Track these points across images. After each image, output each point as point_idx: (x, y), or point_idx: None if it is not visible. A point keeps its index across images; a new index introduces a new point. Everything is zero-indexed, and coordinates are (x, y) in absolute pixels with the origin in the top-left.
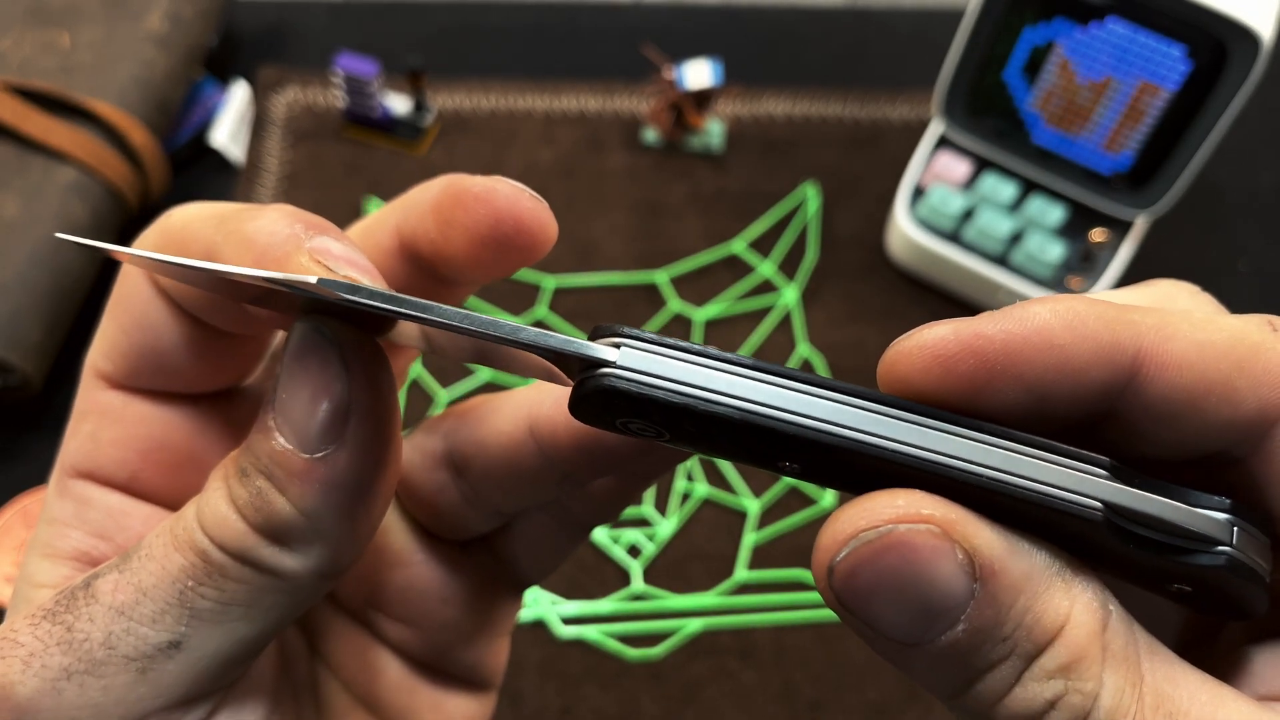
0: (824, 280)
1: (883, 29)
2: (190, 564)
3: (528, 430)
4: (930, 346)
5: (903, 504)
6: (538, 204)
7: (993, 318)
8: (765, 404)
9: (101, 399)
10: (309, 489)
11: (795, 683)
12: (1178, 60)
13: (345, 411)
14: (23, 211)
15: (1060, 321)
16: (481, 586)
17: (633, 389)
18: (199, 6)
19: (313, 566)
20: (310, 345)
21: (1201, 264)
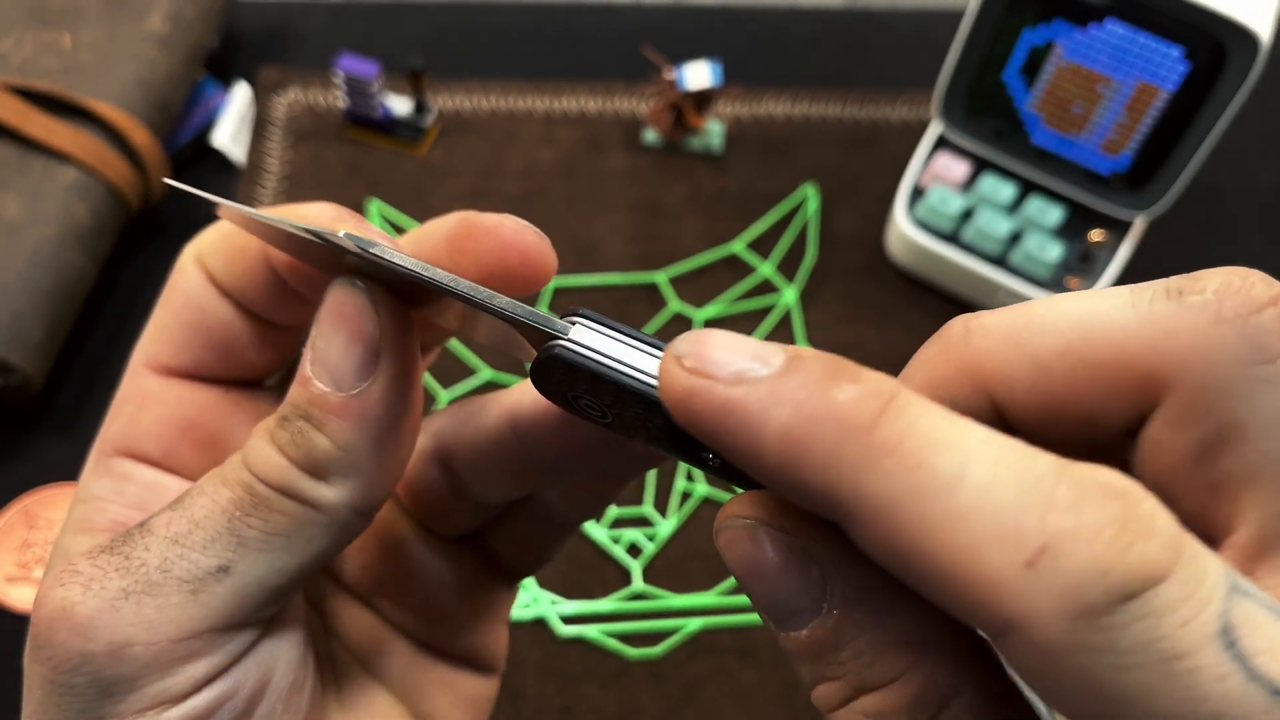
0: (823, 280)
1: (883, 29)
2: (238, 497)
3: (509, 425)
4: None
5: (743, 504)
6: (541, 240)
7: (740, 373)
8: None
9: (144, 384)
10: (345, 424)
11: (795, 682)
12: (1176, 61)
13: (376, 350)
14: (24, 212)
15: (778, 438)
16: (476, 578)
17: (572, 359)
18: (200, 7)
19: (348, 499)
20: (345, 295)
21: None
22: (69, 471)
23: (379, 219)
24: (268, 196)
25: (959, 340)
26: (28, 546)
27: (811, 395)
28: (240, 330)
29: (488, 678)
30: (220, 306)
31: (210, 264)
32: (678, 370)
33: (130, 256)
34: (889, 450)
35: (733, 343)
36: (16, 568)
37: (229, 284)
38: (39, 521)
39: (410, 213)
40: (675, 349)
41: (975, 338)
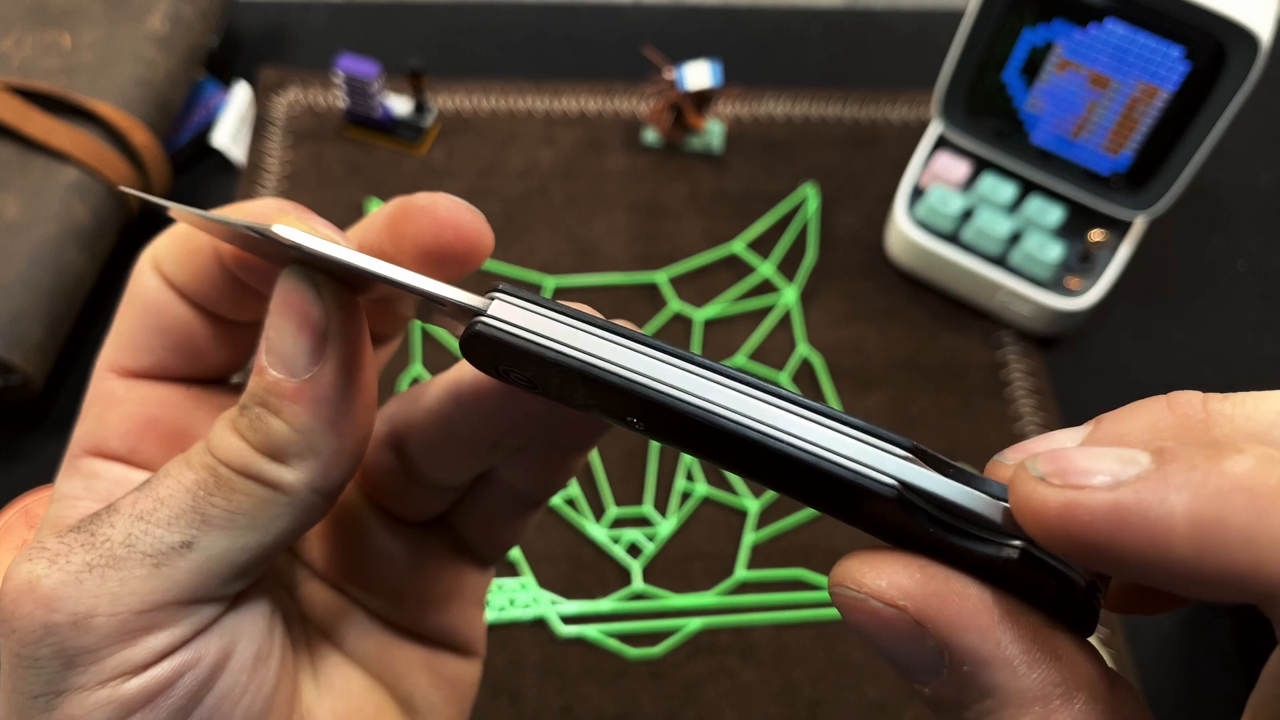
0: (823, 280)
1: (883, 29)
2: (202, 478)
3: (453, 401)
4: (1031, 503)
5: (884, 583)
6: (475, 216)
7: (1117, 474)
8: (600, 357)
9: (108, 387)
10: (300, 407)
11: (795, 682)
12: (1176, 61)
13: (324, 335)
14: (24, 212)
15: (1188, 523)
16: (443, 561)
17: (494, 334)
18: (200, 7)
19: (308, 479)
20: (290, 285)
21: (1200, 264)
22: None
23: None
24: (267, 196)
25: (1197, 421)
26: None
27: (1207, 475)
28: (199, 330)
29: (468, 660)
30: (178, 308)
31: (166, 266)
32: (1046, 490)
33: (130, 256)
34: None
35: (1093, 452)
36: None
37: (185, 285)
38: (39, 521)
39: None
40: (1033, 470)
41: (1215, 425)
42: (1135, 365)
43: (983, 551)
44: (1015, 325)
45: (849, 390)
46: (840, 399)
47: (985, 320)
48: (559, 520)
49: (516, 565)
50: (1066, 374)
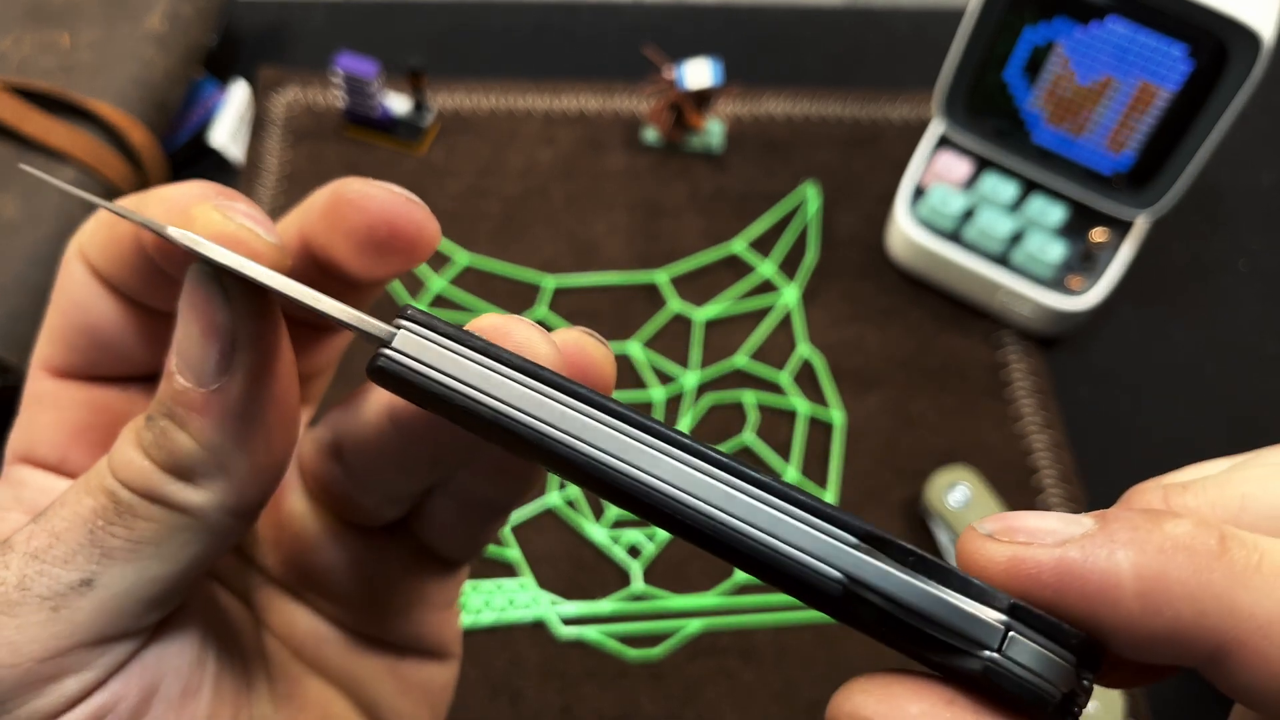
0: (824, 280)
1: (883, 29)
2: (100, 505)
3: (388, 418)
4: (978, 559)
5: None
6: (414, 207)
7: (1061, 533)
8: (514, 406)
9: (40, 387)
10: (207, 421)
11: (795, 683)
12: (1178, 60)
13: (232, 341)
14: (22, 211)
15: (1134, 577)
16: (407, 567)
17: (397, 372)
18: (199, 6)
19: (218, 501)
20: (195, 284)
21: (1203, 264)
22: None
23: None
24: (267, 195)
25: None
26: None
27: (1149, 535)
28: (127, 324)
29: (440, 663)
30: (103, 302)
31: (91, 255)
32: (993, 546)
33: None
34: (1254, 566)
35: (1039, 514)
36: None
37: (109, 273)
38: None
39: None
40: (981, 529)
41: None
42: (1137, 365)
43: (943, 661)
44: (1016, 325)
45: (849, 390)
46: (841, 399)
47: (986, 320)
48: (559, 521)
49: (516, 566)
50: (1067, 374)
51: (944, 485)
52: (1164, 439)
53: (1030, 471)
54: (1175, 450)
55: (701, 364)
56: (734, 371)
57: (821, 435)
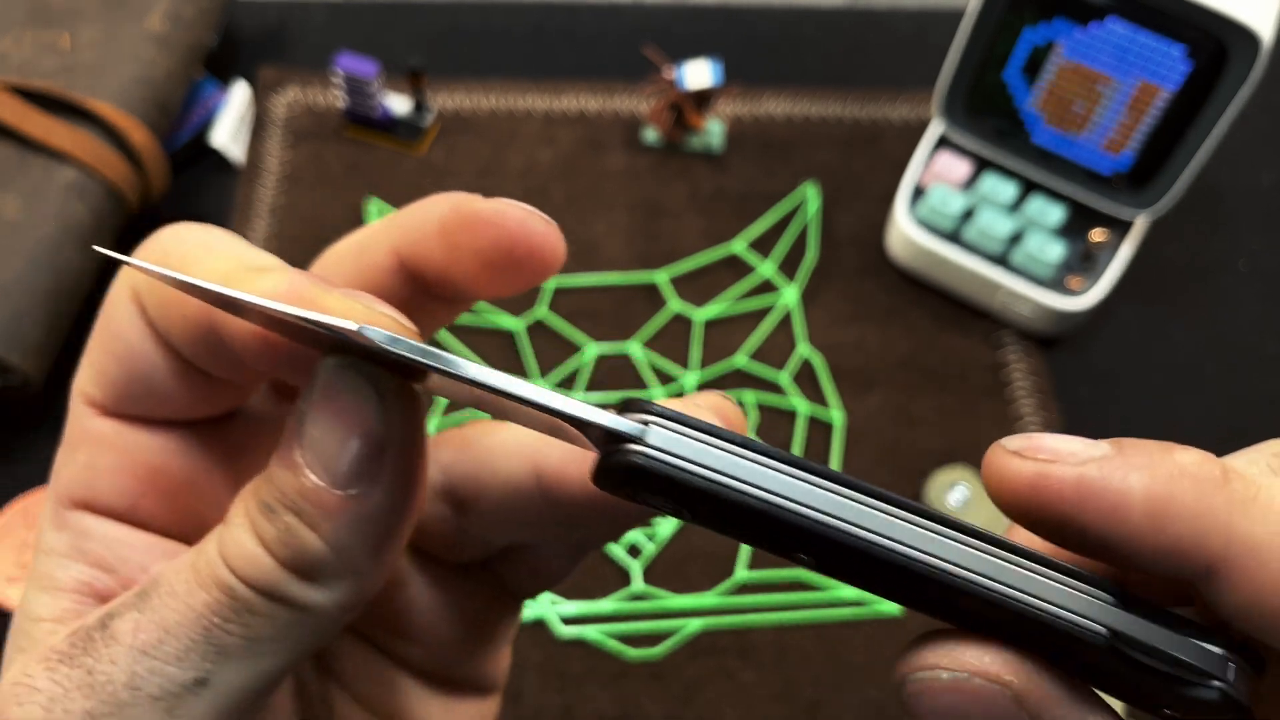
0: (824, 280)
1: (883, 29)
2: (215, 600)
3: (533, 478)
4: (1005, 474)
5: (988, 659)
6: (549, 227)
7: (1082, 454)
8: (789, 498)
9: (95, 427)
10: (341, 525)
11: (795, 682)
12: (1178, 60)
13: (381, 449)
14: (23, 212)
15: (1145, 504)
16: (481, 603)
17: (658, 469)
18: (199, 6)
19: (339, 600)
20: (344, 382)
21: (1201, 264)
22: None
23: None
24: (267, 196)
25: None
26: (27, 547)
27: (1161, 461)
28: (176, 377)
29: (488, 699)
30: (154, 353)
31: (147, 302)
32: (1019, 463)
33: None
34: (1252, 498)
35: (1061, 436)
36: (16, 568)
37: (164, 328)
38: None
39: None
40: (1006, 445)
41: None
42: (1137, 365)
43: (1181, 694)
44: (1016, 325)
45: (849, 390)
46: (841, 399)
47: (986, 320)
48: None
49: None
50: (1067, 374)
51: (944, 485)
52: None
53: None
54: None
55: (701, 364)
56: (734, 371)
57: (821, 435)
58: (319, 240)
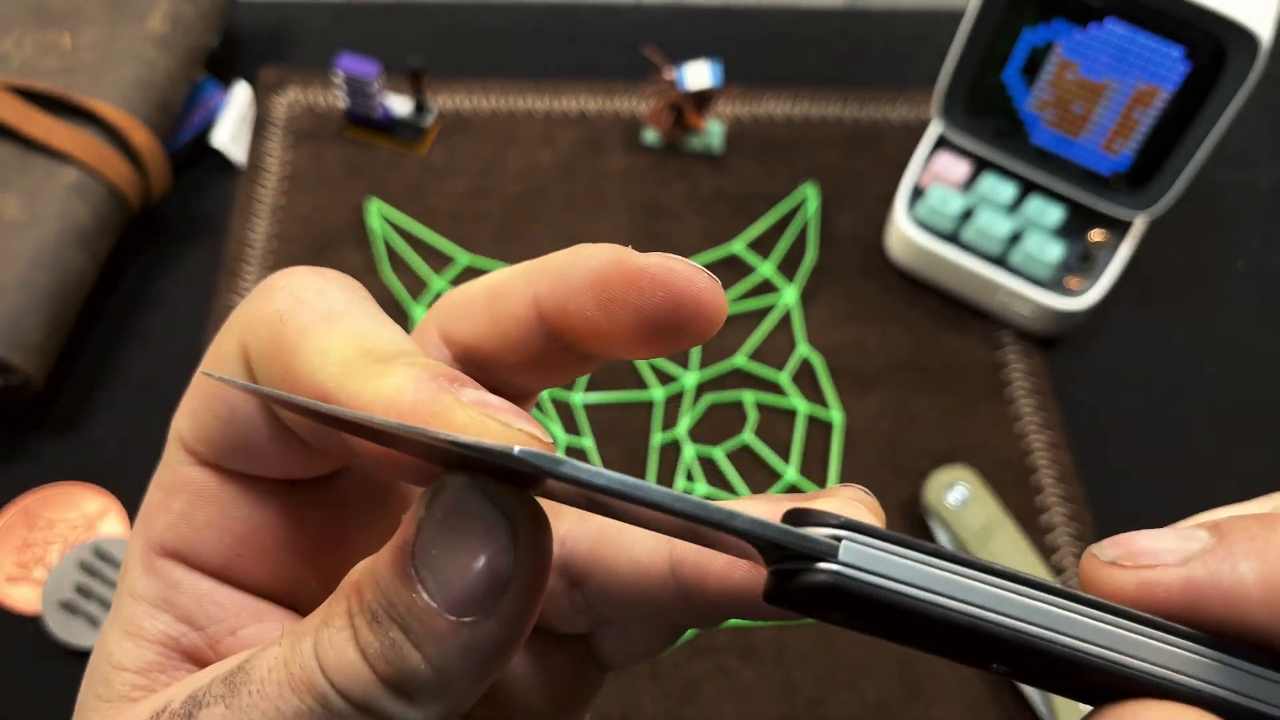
0: (824, 280)
1: (883, 29)
2: (308, 709)
3: (667, 567)
4: (1107, 587)
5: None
6: (714, 284)
7: (1182, 551)
8: (995, 610)
9: (193, 476)
10: (449, 650)
11: (795, 681)
12: (1176, 61)
13: (506, 583)
14: (24, 212)
15: (1260, 587)
16: (570, 673)
17: (857, 589)
18: (200, 7)
19: (434, 718)
20: (475, 509)
21: (1201, 264)
22: (69, 472)
23: (379, 219)
24: (268, 196)
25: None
26: (28, 546)
27: (1267, 542)
28: (279, 443)
29: None
30: (255, 415)
31: (255, 361)
32: (1120, 574)
33: (130, 256)
34: None
35: (1153, 533)
36: (16, 568)
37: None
38: (39, 521)
39: (410, 213)
40: (1100, 555)
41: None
42: (1136, 365)
43: None
44: (1015, 325)
45: (849, 390)
46: (840, 399)
47: (985, 320)
48: None
49: None
50: (1067, 374)
51: (943, 485)
52: (1163, 439)
53: (1029, 471)
54: (1174, 450)
55: (701, 364)
56: (734, 371)
57: (821, 435)
58: (319, 240)
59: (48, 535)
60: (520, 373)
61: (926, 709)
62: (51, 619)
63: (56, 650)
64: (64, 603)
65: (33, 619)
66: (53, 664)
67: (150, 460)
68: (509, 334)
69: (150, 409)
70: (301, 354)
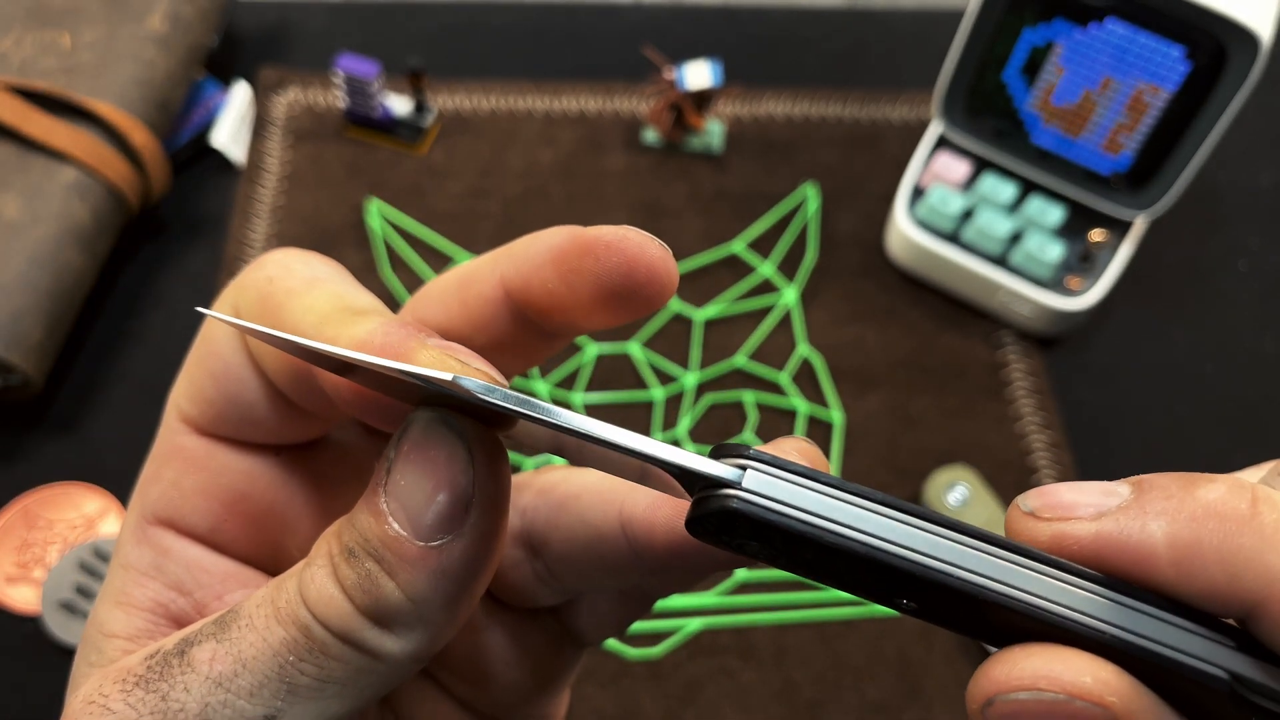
0: (824, 280)
1: (883, 29)
2: (293, 639)
3: (618, 526)
4: (1024, 538)
5: (1089, 680)
6: (666, 253)
7: (1098, 505)
8: (893, 541)
9: (186, 444)
10: (420, 576)
11: (795, 682)
12: (1177, 61)
13: (467, 504)
14: (24, 212)
15: (1171, 554)
16: (546, 649)
17: (756, 513)
18: (200, 7)
19: (411, 649)
20: (435, 436)
21: (1201, 264)
22: (69, 471)
23: (379, 219)
24: (267, 196)
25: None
26: (27, 546)
27: (1182, 502)
28: (269, 404)
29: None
30: (249, 376)
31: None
32: (1035, 524)
33: (130, 256)
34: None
35: (1078, 486)
36: (16, 568)
37: (260, 358)
38: (39, 521)
39: (410, 212)
40: (1022, 505)
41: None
42: (1136, 365)
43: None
44: (1015, 325)
45: (849, 390)
46: (840, 399)
47: (985, 320)
48: None
49: None
50: (1067, 374)
51: (943, 485)
52: (1163, 439)
53: (1029, 471)
54: (1174, 450)
55: (701, 364)
56: (734, 371)
57: (821, 435)
58: (319, 240)
59: (47, 535)
60: (491, 354)
61: (926, 709)
62: (51, 619)
63: (56, 650)
64: (63, 603)
65: (32, 619)
66: (52, 664)
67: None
68: (479, 316)
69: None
70: (287, 310)
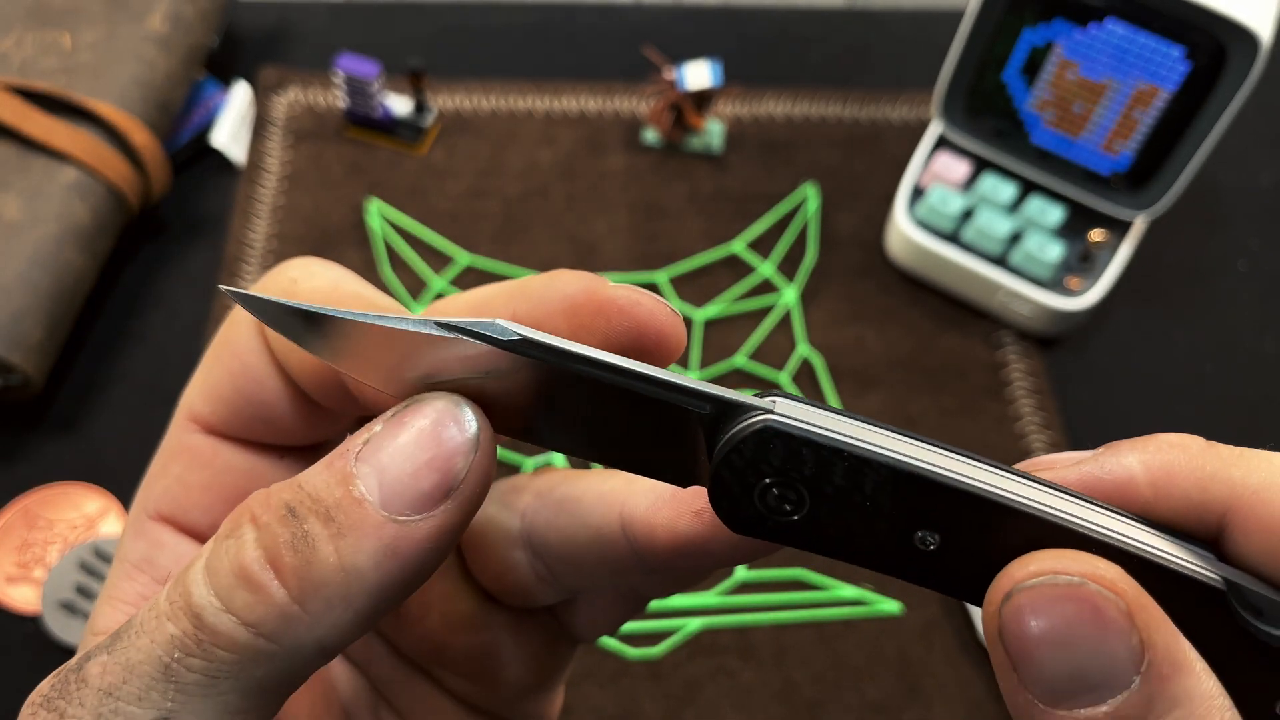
0: (824, 280)
1: (883, 29)
2: (180, 634)
3: (619, 526)
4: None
5: (1103, 570)
6: (676, 318)
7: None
8: (921, 460)
9: (192, 442)
10: (367, 545)
11: (795, 682)
12: (1177, 61)
13: (449, 490)
14: (24, 212)
15: (1147, 476)
16: (542, 647)
17: (791, 428)
18: (200, 7)
19: (319, 634)
20: (445, 417)
21: (1201, 264)
22: (69, 471)
23: (379, 219)
24: (267, 196)
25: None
26: (28, 546)
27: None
28: (288, 404)
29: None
30: (271, 378)
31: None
32: None
33: (130, 256)
34: (1239, 453)
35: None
36: (16, 568)
37: (284, 357)
38: (39, 521)
39: (410, 212)
40: None
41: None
42: (1136, 365)
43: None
44: (1015, 325)
45: (849, 390)
46: (840, 399)
47: (985, 320)
48: None
49: None
50: (1066, 374)
51: None
52: None
53: None
54: None
55: (701, 364)
56: (734, 371)
57: None
58: (320, 240)
59: (47, 535)
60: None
61: (926, 709)
62: (51, 619)
63: (56, 650)
64: (64, 603)
65: (32, 619)
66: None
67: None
68: None
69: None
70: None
